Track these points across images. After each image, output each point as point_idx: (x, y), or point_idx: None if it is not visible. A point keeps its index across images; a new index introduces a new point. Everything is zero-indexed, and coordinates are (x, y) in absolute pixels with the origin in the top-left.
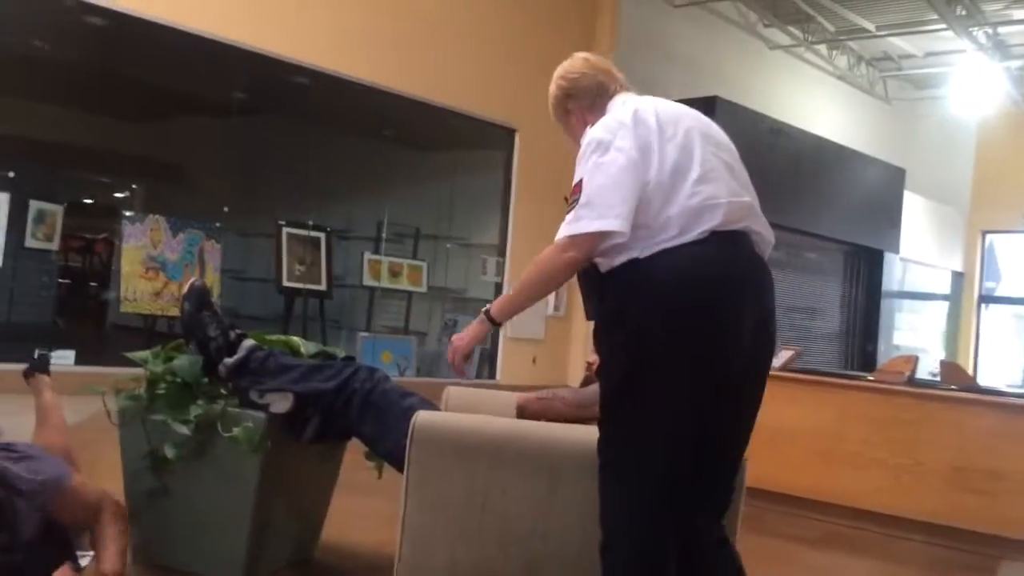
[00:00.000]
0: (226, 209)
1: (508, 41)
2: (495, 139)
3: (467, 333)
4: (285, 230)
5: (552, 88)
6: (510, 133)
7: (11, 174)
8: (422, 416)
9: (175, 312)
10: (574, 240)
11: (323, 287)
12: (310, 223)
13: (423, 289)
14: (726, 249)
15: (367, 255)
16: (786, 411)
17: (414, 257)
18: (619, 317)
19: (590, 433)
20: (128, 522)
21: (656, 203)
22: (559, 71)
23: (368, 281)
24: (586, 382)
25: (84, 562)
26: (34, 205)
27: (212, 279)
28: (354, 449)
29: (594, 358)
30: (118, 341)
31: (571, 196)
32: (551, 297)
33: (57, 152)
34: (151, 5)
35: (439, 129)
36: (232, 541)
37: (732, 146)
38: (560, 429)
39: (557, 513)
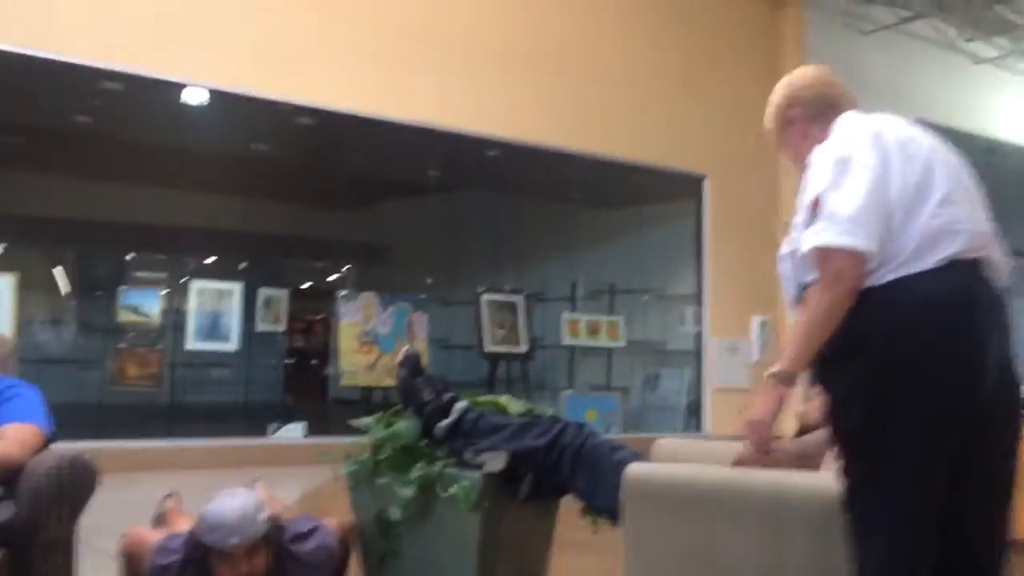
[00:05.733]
0: (429, 281)
1: (690, 87)
2: (683, 188)
3: (761, 406)
4: (484, 297)
5: (775, 96)
6: (698, 180)
7: (242, 265)
8: (634, 468)
9: (389, 382)
10: (827, 254)
11: (524, 349)
12: (507, 288)
13: (622, 344)
14: (968, 279)
15: (565, 315)
16: None
17: (611, 313)
18: (858, 348)
19: (816, 479)
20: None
21: (896, 222)
22: (785, 80)
23: (567, 340)
24: (800, 432)
25: None
26: (263, 292)
27: (421, 348)
28: (568, 508)
29: (805, 407)
30: (340, 413)
31: (807, 214)
32: (755, 345)
33: (279, 242)
34: (349, 101)
35: (626, 185)
36: None
37: (970, 172)
38: (782, 475)
39: (787, 565)
